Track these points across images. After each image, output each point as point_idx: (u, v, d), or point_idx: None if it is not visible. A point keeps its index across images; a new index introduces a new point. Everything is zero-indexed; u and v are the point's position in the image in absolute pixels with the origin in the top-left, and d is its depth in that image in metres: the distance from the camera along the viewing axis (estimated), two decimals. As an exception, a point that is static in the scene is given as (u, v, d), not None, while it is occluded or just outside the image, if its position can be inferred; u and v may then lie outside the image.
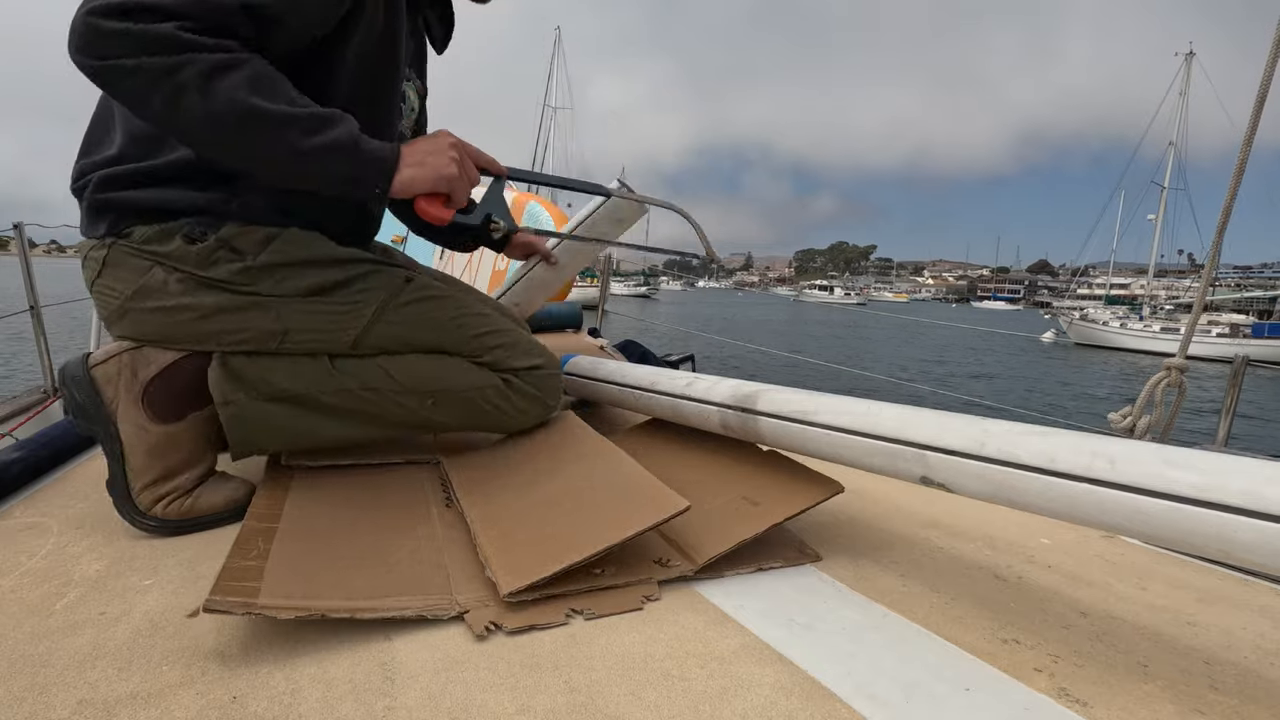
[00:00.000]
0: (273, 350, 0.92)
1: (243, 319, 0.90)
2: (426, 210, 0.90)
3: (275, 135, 0.76)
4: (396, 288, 0.98)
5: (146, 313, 0.88)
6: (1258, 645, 0.68)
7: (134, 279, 0.87)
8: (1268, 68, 1.29)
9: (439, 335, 0.99)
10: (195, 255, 0.87)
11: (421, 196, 0.89)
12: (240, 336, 0.90)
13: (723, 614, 0.69)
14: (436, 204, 0.90)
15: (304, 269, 0.92)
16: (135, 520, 0.85)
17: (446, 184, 0.89)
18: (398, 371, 0.97)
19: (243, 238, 0.89)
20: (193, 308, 0.88)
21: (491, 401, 1.01)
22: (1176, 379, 1.50)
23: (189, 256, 0.87)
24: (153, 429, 0.87)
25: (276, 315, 0.91)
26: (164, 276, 0.87)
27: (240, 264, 0.88)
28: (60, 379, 0.87)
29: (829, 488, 0.85)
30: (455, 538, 0.80)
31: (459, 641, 0.62)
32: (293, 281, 0.91)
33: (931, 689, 0.57)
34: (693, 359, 3.03)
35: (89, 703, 0.53)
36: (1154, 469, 0.54)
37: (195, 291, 0.88)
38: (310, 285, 0.92)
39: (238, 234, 0.88)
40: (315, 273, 0.92)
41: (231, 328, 0.90)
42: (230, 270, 0.88)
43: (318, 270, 0.93)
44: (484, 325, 1.02)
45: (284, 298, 0.91)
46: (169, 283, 0.87)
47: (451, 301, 1.02)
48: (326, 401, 0.94)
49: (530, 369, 1.03)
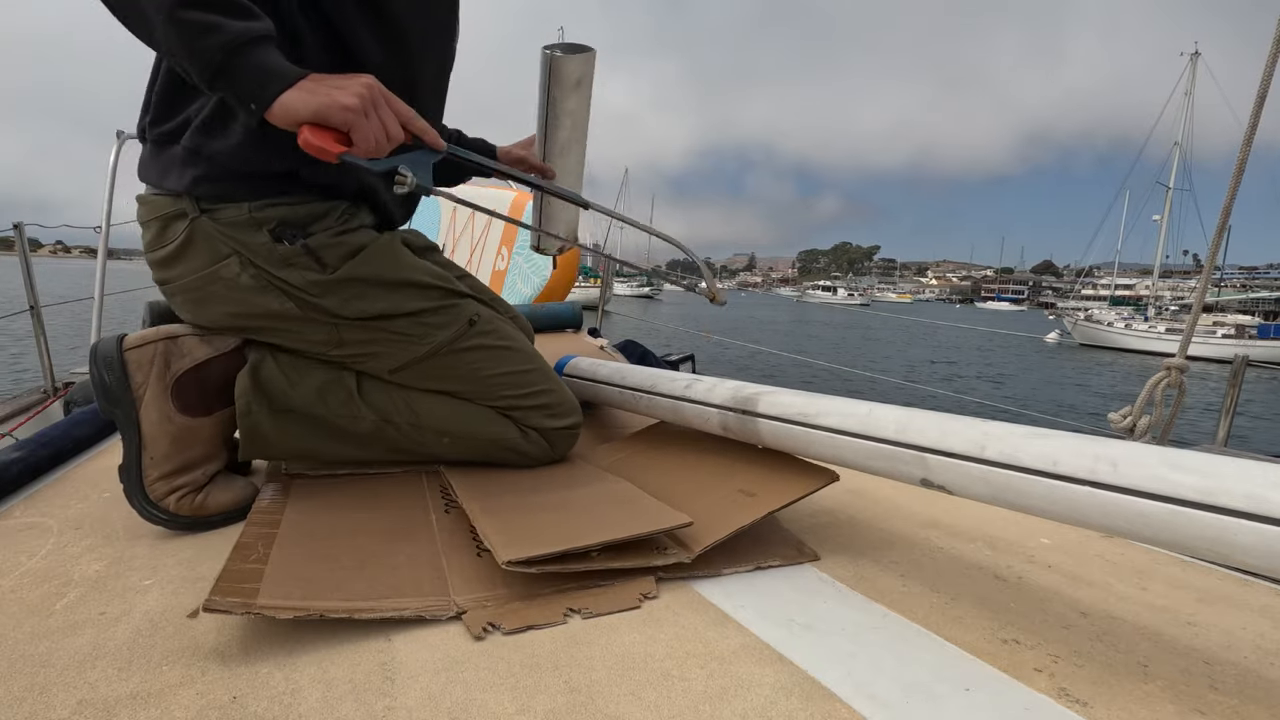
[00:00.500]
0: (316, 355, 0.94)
1: (300, 326, 0.91)
2: (310, 140, 0.74)
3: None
4: (460, 330, 0.98)
5: (205, 295, 0.88)
6: (1258, 645, 0.68)
7: (207, 264, 0.87)
8: (1267, 67, 1.29)
9: (480, 388, 1.00)
10: (278, 255, 0.87)
11: (307, 125, 0.74)
12: (291, 340, 0.92)
13: (722, 614, 0.69)
14: (326, 137, 0.75)
15: (379, 290, 0.92)
16: (144, 509, 0.85)
17: (340, 114, 0.74)
18: (421, 409, 0.98)
19: (331, 250, 0.89)
20: (256, 305, 0.88)
21: (504, 450, 1.02)
22: (1176, 379, 1.50)
23: (272, 255, 0.87)
24: (178, 420, 0.87)
25: (333, 329, 0.92)
26: (238, 270, 0.87)
27: (317, 275, 0.89)
28: (91, 357, 0.87)
29: (823, 477, 0.85)
30: (455, 542, 0.80)
31: (459, 641, 0.62)
32: (362, 304, 0.91)
33: (931, 689, 0.57)
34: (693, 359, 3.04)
35: (89, 703, 0.53)
36: (1157, 472, 0.54)
37: (264, 292, 0.88)
38: (380, 310, 0.92)
39: (327, 246, 0.89)
40: (388, 297, 0.93)
41: (285, 329, 0.91)
42: (305, 279, 0.88)
43: (390, 294, 0.93)
44: (525, 385, 1.02)
45: (346, 319, 0.91)
46: (241, 276, 0.87)
47: (503, 354, 1.02)
48: (343, 425, 0.95)
49: (558, 430, 1.04)
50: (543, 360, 1.08)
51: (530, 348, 1.08)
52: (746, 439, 0.94)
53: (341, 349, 0.94)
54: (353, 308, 0.91)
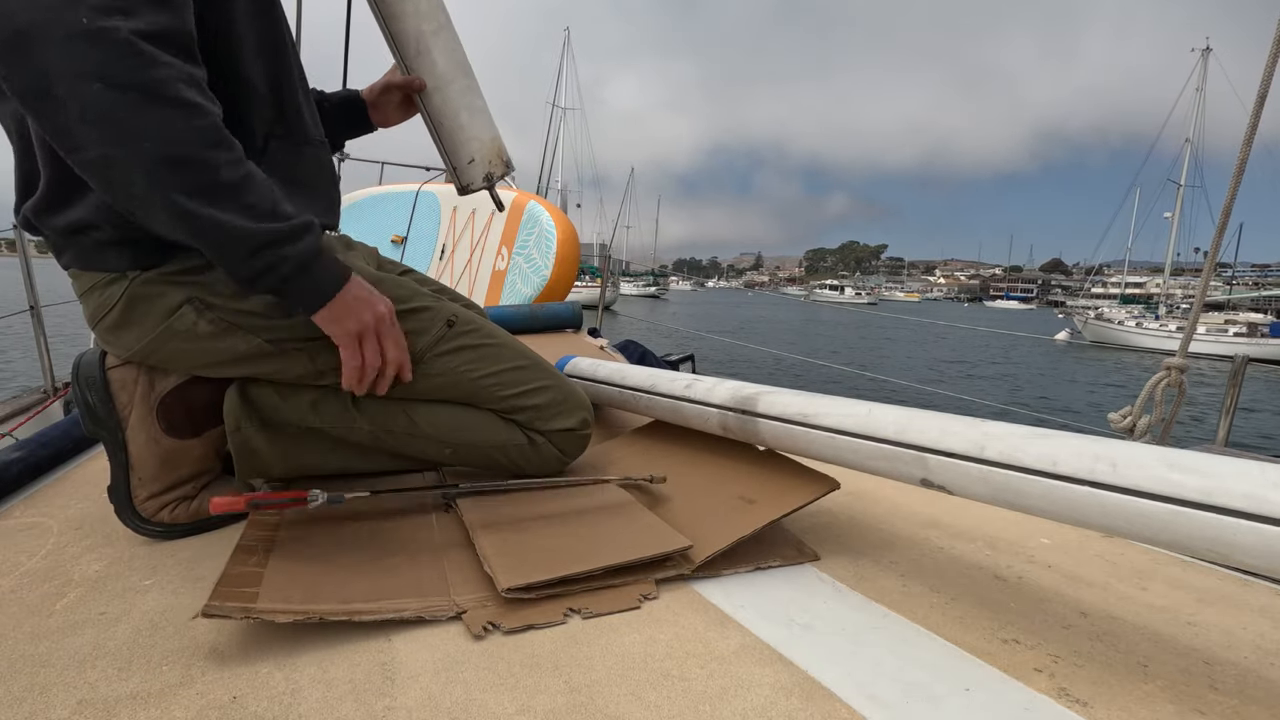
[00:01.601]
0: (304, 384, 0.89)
1: (273, 363, 0.85)
2: (219, 504, 0.71)
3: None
4: (438, 334, 0.92)
5: (167, 355, 0.82)
6: (1258, 645, 0.68)
7: (159, 321, 0.79)
8: (1268, 68, 1.29)
9: (473, 390, 0.94)
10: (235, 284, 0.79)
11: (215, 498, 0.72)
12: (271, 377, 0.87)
13: (722, 614, 0.69)
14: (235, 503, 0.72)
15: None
16: (138, 527, 0.84)
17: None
18: (422, 418, 0.93)
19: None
20: (222, 351, 0.82)
21: (510, 457, 0.97)
22: (1176, 379, 1.50)
23: (227, 285, 0.79)
24: (166, 442, 0.84)
25: (309, 358, 0.85)
26: (194, 318, 0.79)
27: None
28: (74, 374, 0.84)
29: (824, 484, 0.85)
30: (454, 541, 0.80)
31: (459, 642, 0.62)
32: None
33: (931, 689, 0.57)
34: (692, 359, 3.03)
35: (89, 703, 0.53)
36: (1157, 472, 0.54)
37: (228, 335, 0.81)
38: None
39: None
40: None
41: (260, 369, 0.85)
42: (267, 302, 0.80)
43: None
44: (521, 383, 0.96)
45: (318, 340, 0.82)
46: (199, 325, 0.80)
47: (492, 352, 0.96)
48: (340, 437, 0.92)
49: (562, 431, 0.98)
50: (538, 356, 1.03)
51: (521, 345, 1.02)
52: (746, 439, 0.94)
53: (323, 378, 0.87)
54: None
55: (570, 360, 1.39)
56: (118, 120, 0.60)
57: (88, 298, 0.81)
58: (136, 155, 0.61)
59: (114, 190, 0.64)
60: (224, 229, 0.66)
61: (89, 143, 0.60)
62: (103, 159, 0.61)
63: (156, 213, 0.65)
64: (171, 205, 0.64)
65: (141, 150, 0.61)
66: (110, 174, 0.62)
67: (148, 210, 0.65)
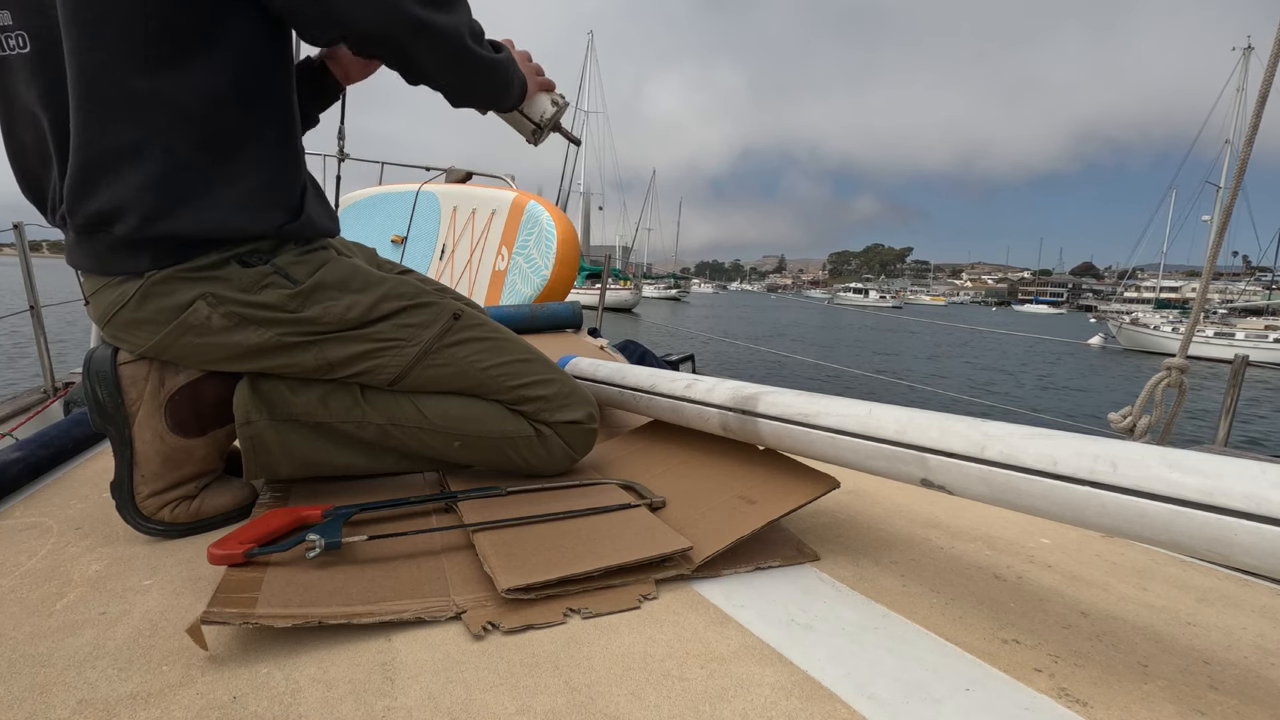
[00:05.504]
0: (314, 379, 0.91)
1: (284, 356, 0.87)
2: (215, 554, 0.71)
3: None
4: (446, 325, 0.94)
5: (179, 352, 0.84)
6: (1258, 645, 0.68)
7: (171, 315, 0.81)
8: (1268, 70, 1.29)
9: (481, 380, 0.96)
10: (249, 278, 0.83)
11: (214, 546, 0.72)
12: (280, 371, 0.89)
13: (722, 614, 0.69)
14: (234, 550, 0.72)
15: (353, 295, 0.89)
16: (139, 524, 0.84)
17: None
18: (430, 410, 0.94)
19: (298, 268, 0.86)
20: (234, 345, 0.84)
21: (519, 451, 0.97)
22: (1176, 379, 1.50)
23: (242, 279, 0.82)
24: (171, 440, 0.85)
25: (319, 352, 0.87)
26: (207, 313, 0.82)
27: (290, 289, 0.85)
28: (85, 368, 0.84)
29: (824, 483, 0.85)
30: (453, 542, 0.80)
31: (459, 642, 0.62)
32: (340, 308, 0.87)
33: (931, 689, 0.57)
34: (693, 359, 3.03)
35: (89, 703, 0.53)
36: (1157, 472, 0.54)
37: (240, 328, 0.83)
38: (360, 315, 0.88)
39: (293, 262, 0.86)
40: (363, 298, 0.89)
41: (271, 362, 0.87)
42: (280, 295, 0.84)
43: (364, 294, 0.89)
44: (527, 374, 0.98)
45: (327, 335, 0.87)
46: (212, 318, 0.82)
47: (497, 345, 0.98)
48: (349, 431, 0.92)
49: (569, 424, 0.99)
50: (542, 354, 1.04)
51: (525, 342, 1.04)
52: (746, 439, 0.94)
53: (333, 372, 0.89)
54: (333, 314, 0.87)
55: (570, 360, 1.39)
56: (454, 6, 0.86)
57: (100, 296, 0.83)
58: (467, 24, 0.88)
59: (444, 50, 0.86)
60: (503, 60, 0.97)
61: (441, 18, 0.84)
62: (454, 27, 0.86)
63: (467, 57, 0.90)
64: (478, 55, 0.90)
65: (466, 23, 0.88)
66: (446, 38, 0.85)
67: (459, 58, 0.89)
